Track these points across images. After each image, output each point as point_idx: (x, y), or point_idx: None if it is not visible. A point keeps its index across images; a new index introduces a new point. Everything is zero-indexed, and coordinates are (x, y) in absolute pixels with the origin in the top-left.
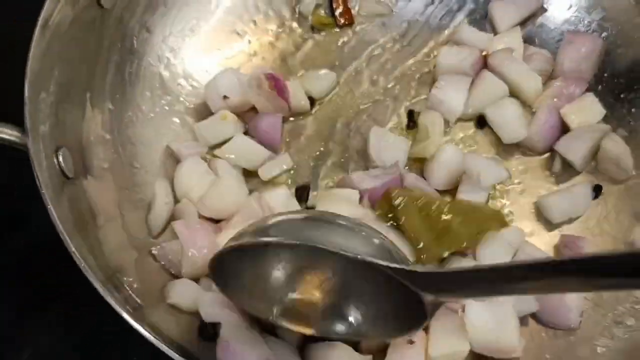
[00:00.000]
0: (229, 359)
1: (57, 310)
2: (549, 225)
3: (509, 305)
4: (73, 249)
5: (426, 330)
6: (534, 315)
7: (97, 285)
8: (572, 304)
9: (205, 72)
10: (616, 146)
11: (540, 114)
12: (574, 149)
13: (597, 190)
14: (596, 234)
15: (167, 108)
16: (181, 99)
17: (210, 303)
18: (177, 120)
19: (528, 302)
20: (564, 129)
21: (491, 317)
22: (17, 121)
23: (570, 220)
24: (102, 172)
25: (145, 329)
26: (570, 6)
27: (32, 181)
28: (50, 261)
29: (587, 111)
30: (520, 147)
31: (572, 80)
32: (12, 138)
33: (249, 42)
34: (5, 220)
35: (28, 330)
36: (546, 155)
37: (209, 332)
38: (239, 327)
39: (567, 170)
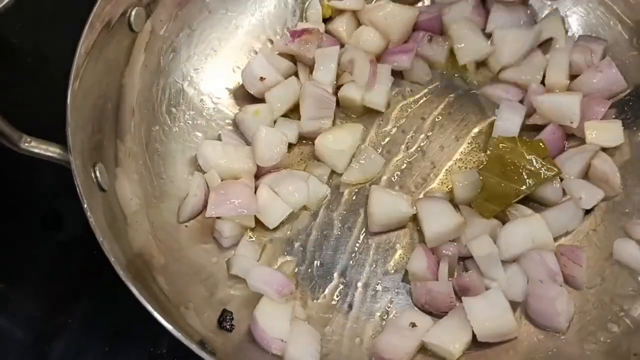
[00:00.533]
0: (255, 330)
1: (87, 304)
2: None
3: (500, 294)
4: (108, 252)
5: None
6: (527, 316)
7: (128, 282)
8: (561, 308)
9: (226, 89)
10: (605, 164)
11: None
12: (568, 169)
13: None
14: (584, 245)
15: (190, 122)
16: (204, 113)
17: (256, 277)
18: (199, 134)
19: (515, 292)
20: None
21: (489, 308)
22: (59, 138)
23: (566, 233)
24: (133, 183)
25: (170, 324)
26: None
27: (64, 184)
28: (82, 258)
29: (608, 133)
30: None
31: (595, 100)
32: (56, 155)
33: None
34: (41, 220)
35: (60, 322)
36: None
37: (226, 324)
38: (271, 305)
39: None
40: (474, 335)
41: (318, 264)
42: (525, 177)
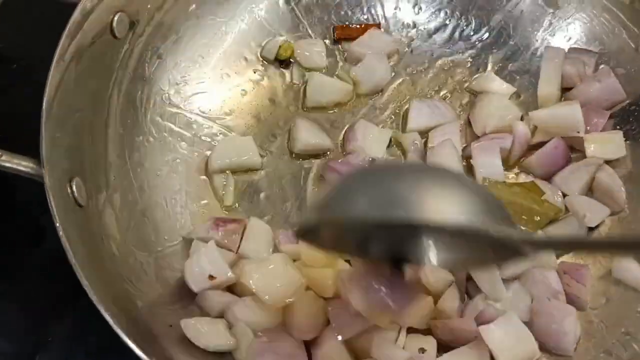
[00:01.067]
0: None
1: (71, 320)
2: None
3: (516, 318)
4: (82, 278)
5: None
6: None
7: (103, 311)
8: (569, 329)
9: (215, 98)
10: (610, 178)
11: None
12: (571, 184)
13: None
14: (588, 262)
15: (176, 132)
16: (191, 123)
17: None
18: (185, 144)
19: (521, 312)
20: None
21: (509, 334)
22: (32, 151)
23: None
24: (114, 196)
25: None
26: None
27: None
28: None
29: (609, 145)
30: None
31: (593, 111)
32: (29, 170)
33: (256, 69)
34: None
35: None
36: None
37: None
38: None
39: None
40: None
41: None
42: (534, 217)
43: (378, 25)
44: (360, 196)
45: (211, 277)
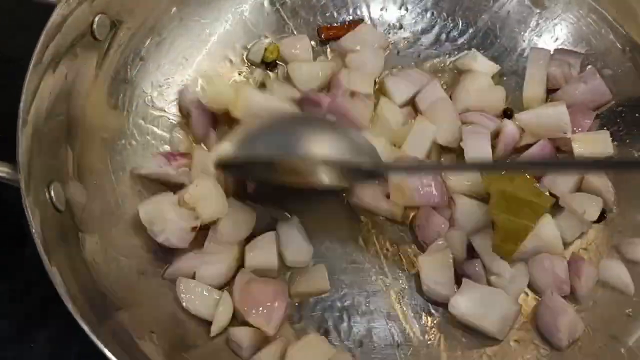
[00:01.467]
0: None
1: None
2: None
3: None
4: (58, 286)
5: None
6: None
7: (77, 317)
8: (562, 326)
9: None
10: (599, 179)
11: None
12: (561, 185)
13: None
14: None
15: (159, 135)
16: (174, 126)
17: None
18: (168, 147)
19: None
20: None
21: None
22: (8, 155)
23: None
24: (95, 201)
25: None
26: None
27: None
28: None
29: (596, 145)
30: None
31: (580, 112)
32: (4, 175)
33: (241, 71)
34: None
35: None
36: None
37: None
38: None
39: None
40: None
41: None
42: (530, 210)
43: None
44: (269, 139)
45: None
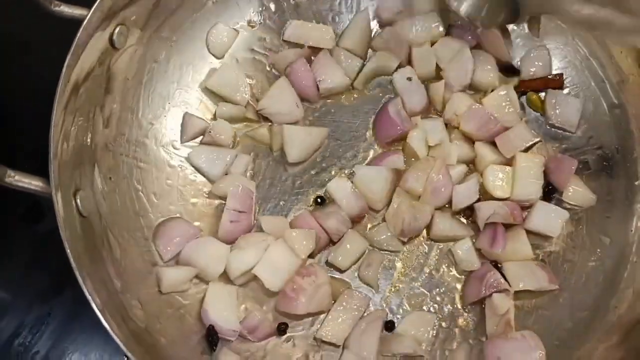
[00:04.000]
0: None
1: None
2: None
3: None
4: (83, 285)
5: None
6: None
7: (98, 313)
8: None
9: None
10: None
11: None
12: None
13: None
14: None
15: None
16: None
17: None
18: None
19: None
20: None
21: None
22: (40, 168)
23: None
24: (111, 213)
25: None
26: None
27: None
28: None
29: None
30: None
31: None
32: (39, 189)
33: None
34: (28, 213)
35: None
36: None
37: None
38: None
39: None
40: None
41: None
42: None
43: None
44: None
45: None
